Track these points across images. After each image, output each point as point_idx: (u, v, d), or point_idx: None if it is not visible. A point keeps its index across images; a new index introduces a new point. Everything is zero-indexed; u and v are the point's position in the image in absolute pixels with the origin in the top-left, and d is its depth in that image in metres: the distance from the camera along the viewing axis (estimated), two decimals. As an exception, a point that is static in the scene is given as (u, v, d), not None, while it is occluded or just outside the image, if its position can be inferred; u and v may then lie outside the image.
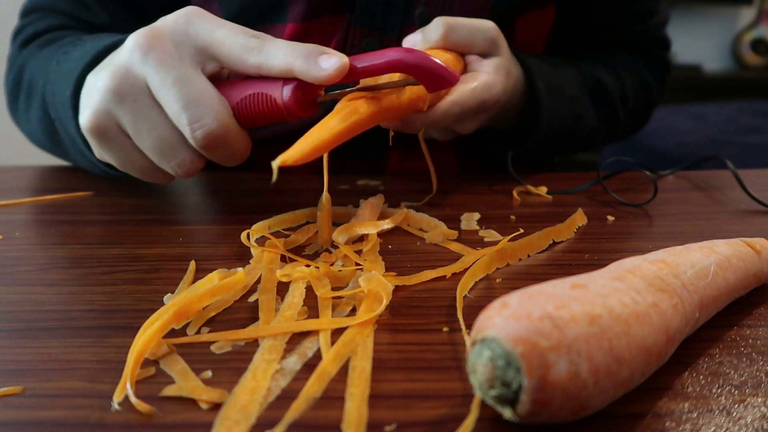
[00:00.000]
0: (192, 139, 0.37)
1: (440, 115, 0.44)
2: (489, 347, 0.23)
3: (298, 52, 0.36)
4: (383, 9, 0.55)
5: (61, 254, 0.40)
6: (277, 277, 0.35)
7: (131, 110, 0.37)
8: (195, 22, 0.38)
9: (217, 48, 0.37)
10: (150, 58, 0.36)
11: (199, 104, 0.36)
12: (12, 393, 0.26)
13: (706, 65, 2.65)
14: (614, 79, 0.64)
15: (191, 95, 0.36)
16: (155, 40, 0.37)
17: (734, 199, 0.52)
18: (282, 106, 0.37)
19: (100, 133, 0.39)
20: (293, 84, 0.37)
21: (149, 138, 0.38)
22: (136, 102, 0.37)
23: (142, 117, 0.37)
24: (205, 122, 0.36)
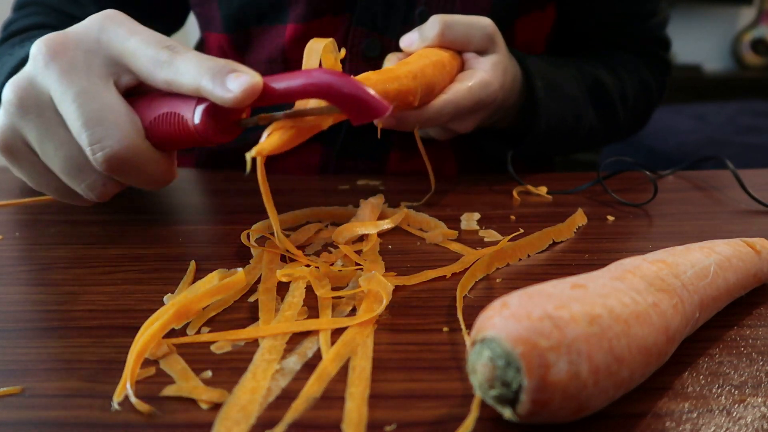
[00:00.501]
0: (94, 162, 0.34)
1: (435, 113, 0.44)
2: (489, 347, 0.23)
3: (205, 69, 0.32)
4: (384, 9, 0.55)
5: (61, 254, 0.40)
6: (277, 277, 0.35)
7: (36, 126, 0.34)
8: (109, 29, 0.34)
9: (128, 59, 0.34)
10: (53, 67, 0.33)
11: (102, 122, 0.33)
12: (12, 393, 0.26)
13: (706, 65, 2.65)
14: (614, 78, 0.64)
15: (94, 112, 0.33)
16: (61, 47, 0.33)
17: (734, 199, 0.52)
18: (192, 130, 0.34)
19: (7, 149, 0.36)
20: (206, 105, 0.33)
21: (56, 157, 0.35)
22: (40, 117, 0.34)
23: (47, 133, 0.34)
24: (107, 144, 0.33)
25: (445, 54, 0.46)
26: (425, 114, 0.44)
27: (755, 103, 1.87)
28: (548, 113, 0.55)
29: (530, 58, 0.55)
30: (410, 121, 0.44)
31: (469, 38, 0.47)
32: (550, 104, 0.55)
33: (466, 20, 0.47)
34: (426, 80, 0.43)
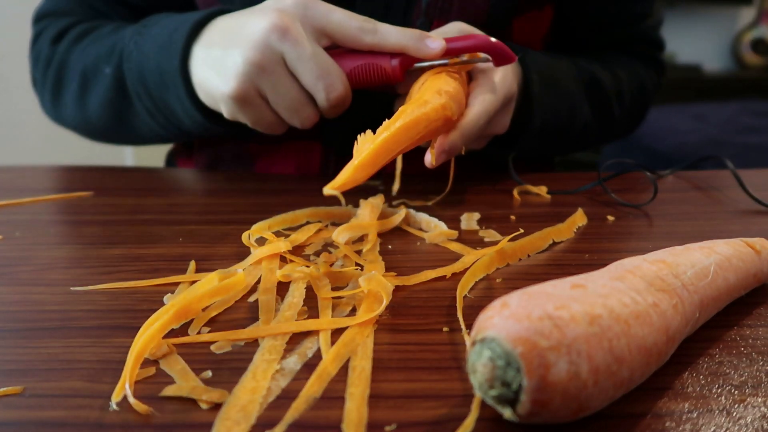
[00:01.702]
0: (326, 101, 0.46)
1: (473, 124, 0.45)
2: (489, 347, 0.23)
3: (410, 34, 0.45)
4: (383, 10, 0.55)
5: (61, 254, 0.40)
6: (277, 277, 0.35)
7: (271, 79, 0.45)
8: (311, 6, 0.45)
9: (333, 28, 0.45)
10: (288, 36, 0.44)
11: (330, 74, 0.45)
12: (12, 393, 0.26)
13: (706, 65, 2.65)
14: (610, 75, 0.64)
15: (324, 67, 0.44)
16: (289, 21, 0.44)
17: (734, 199, 0.52)
18: (390, 73, 0.47)
19: (243, 98, 0.46)
20: (399, 57, 0.46)
21: (284, 101, 0.46)
22: (275, 73, 0.45)
23: (279, 85, 0.45)
24: (337, 87, 0.45)
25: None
26: (465, 128, 0.45)
27: (755, 103, 1.87)
28: (543, 107, 0.55)
29: (528, 52, 0.56)
30: (456, 143, 0.45)
31: None
32: (545, 98, 0.55)
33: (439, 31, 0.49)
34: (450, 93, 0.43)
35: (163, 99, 0.52)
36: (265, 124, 0.49)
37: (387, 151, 0.39)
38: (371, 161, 0.38)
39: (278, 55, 0.44)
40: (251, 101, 0.46)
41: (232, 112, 0.48)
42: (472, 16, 0.55)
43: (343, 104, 0.47)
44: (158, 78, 0.51)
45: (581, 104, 0.60)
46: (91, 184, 0.55)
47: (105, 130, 0.60)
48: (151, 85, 0.52)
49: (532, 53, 0.56)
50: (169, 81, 0.50)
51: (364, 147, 0.39)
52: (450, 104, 0.43)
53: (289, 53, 0.44)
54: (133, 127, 0.58)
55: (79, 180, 0.56)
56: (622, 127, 0.70)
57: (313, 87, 0.45)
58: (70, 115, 0.60)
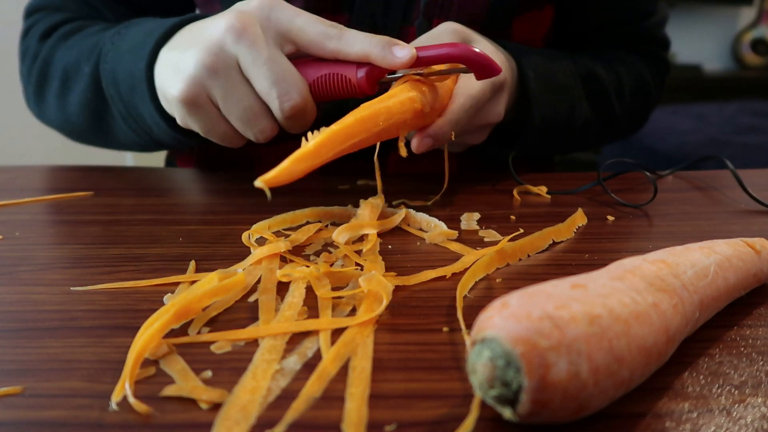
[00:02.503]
0: (280, 111, 0.42)
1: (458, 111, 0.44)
2: (489, 347, 0.23)
3: (375, 42, 0.42)
4: (383, 8, 0.55)
5: (61, 254, 0.40)
6: (277, 277, 0.35)
7: (223, 84, 0.42)
8: (276, 9, 0.42)
9: (296, 34, 0.42)
10: (244, 39, 0.41)
11: (286, 81, 0.41)
12: (12, 393, 0.26)
13: (706, 65, 2.65)
14: (609, 72, 0.64)
15: (280, 74, 0.41)
16: (247, 23, 0.41)
17: (734, 199, 0.52)
18: (356, 85, 0.43)
19: (192, 102, 0.43)
20: (366, 67, 0.43)
21: (237, 109, 0.43)
22: (228, 77, 0.42)
23: (232, 90, 0.42)
24: (292, 96, 0.42)
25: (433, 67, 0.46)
26: (451, 116, 0.44)
27: (755, 103, 1.87)
28: (541, 105, 0.55)
29: (523, 51, 0.55)
30: (444, 129, 0.44)
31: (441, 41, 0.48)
32: (542, 95, 0.55)
33: (430, 33, 0.48)
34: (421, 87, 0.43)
35: (133, 103, 0.50)
36: (218, 134, 0.45)
37: (334, 143, 0.37)
38: (313, 154, 0.35)
39: (232, 58, 0.42)
40: (201, 106, 0.43)
41: (183, 118, 0.45)
42: (472, 16, 0.55)
43: (302, 116, 0.43)
44: (129, 81, 0.49)
45: (580, 100, 0.60)
46: (91, 184, 0.55)
47: (85, 132, 0.58)
48: (122, 88, 0.50)
49: (528, 51, 0.56)
50: (137, 84, 0.48)
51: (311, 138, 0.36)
52: (418, 97, 0.42)
53: (244, 56, 0.41)
54: (112, 131, 0.56)
55: (79, 180, 0.56)
56: (624, 124, 0.69)
57: (267, 94, 0.42)
58: (53, 113, 0.59)
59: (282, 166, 0.34)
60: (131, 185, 0.56)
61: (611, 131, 0.69)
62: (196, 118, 0.44)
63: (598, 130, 0.65)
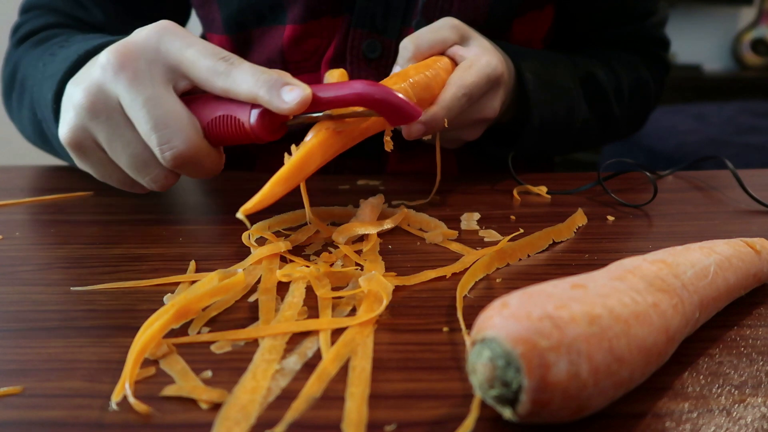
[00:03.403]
0: (162, 160, 0.38)
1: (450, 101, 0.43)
2: (489, 347, 0.23)
3: (262, 82, 0.36)
4: (383, 10, 0.55)
5: (61, 254, 0.40)
6: (277, 277, 0.35)
7: (105, 127, 0.38)
8: (166, 40, 0.38)
9: (187, 68, 0.37)
10: (121, 77, 0.37)
11: (168, 126, 0.37)
12: (12, 393, 0.26)
13: (706, 65, 2.65)
14: (608, 73, 0.64)
15: (161, 117, 0.37)
16: (127, 58, 0.37)
17: (734, 199, 0.52)
18: (249, 130, 0.38)
19: (77, 147, 0.40)
20: (260, 109, 0.37)
21: (123, 154, 0.39)
22: (110, 119, 0.38)
23: (115, 134, 0.38)
24: (174, 144, 0.37)
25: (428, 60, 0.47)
26: (442, 103, 0.43)
27: (755, 103, 1.87)
28: (540, 106, 0.55)
29: (522, 53, 0.55)
30: (438, 115, 0.42)
31: (442, 38, 0.48)
32: (541, 97, 0.54)
33: (428, 27, 0.48)
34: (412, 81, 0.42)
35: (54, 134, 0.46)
36: (115, 180, 0.42)
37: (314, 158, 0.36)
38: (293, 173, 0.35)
39: (113, 98, 0.37)
40: (87, 151, 0.40)
41: (77, 161, 0.42)
42: (472, 17, 0.55)
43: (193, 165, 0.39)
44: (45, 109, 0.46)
45: (579, 101, 0.60)
46: (91, 184, 0.55)
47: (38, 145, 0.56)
48: (42, 114, 0.47)
49: (526, 53, 0.56)
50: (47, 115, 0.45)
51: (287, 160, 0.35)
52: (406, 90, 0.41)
53: (124, 97, 0.37)
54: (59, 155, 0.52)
55: (79, 180, 0.56)
56: (624, 125, 0.69)
57: (148, 140, 0.37)
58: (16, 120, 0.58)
59: (263, 191, 0.34)
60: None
61: (610, 132, 0.69)
62: (86, 163, 0.41)
63: (597, 131, 0.65)
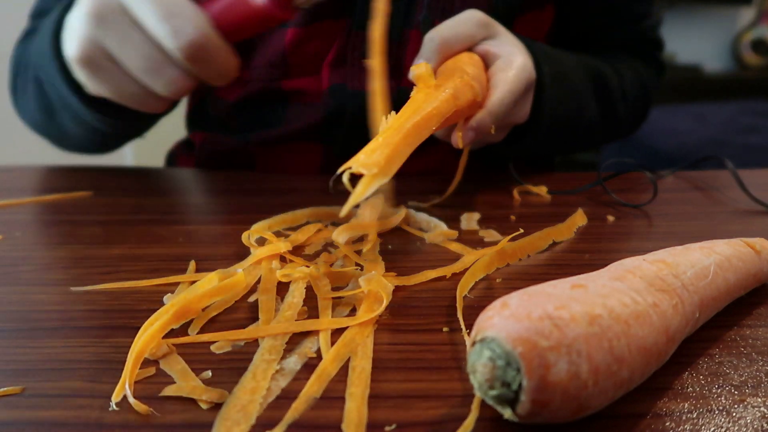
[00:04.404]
0: (176, 50, 0.37)
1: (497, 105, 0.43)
2: (489, 347, 0.23)
3: None
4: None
5: (61, 254, 0.40)
6: (277, 277, 0.35)
7: (113, 33, 0.38)
8: None
9: None
10: None
11: (176, 15, 0.37)
12: (12, 393, 0.26)
13: (706, 65, 2.65)
14: (614, 73, 0.64)
15: (168, 7, 0.37)
16: None
17: (734, 199, 0.52)
18: (262, 10, 0.38)
19: (89, 61, 0.39)
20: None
21: (135, 58, 0.38)
22: (116, 24, 0.37)
23: (125, 38, 0.38)
24: (185, 31, 0.37)
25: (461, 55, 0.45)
26: (491, 108, 0.42)
27: (755, 103, 1.87)
28: (552, 101, 0.53)
29: (536, 43, 0.54)
30: (485, 121, 0.42)
31: (470, 33, 0.46)
32: (554, 91, 0.53)
33: (455, 19, 0.47)
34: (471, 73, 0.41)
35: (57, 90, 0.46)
36: (128, 95, 0.41)
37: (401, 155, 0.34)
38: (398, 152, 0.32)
39: (117, 2, 0.38)
40: (100, 65, 0.39)
41: (88, 83, 0.41)
42: None
43: (206, 56, 0.39)
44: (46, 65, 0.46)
45: (588, 100, 0.59)
46: (91, 184, 0.55)
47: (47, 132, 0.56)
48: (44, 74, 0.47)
49: (540, 45, 0.54)
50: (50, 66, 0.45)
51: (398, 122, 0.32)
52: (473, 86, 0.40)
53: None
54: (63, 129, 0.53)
55: (79, 180, 0.56)
56: (624, 126, 0.70)
57: (159, 33, 0.37)
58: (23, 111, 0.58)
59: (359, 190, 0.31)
60: (131, 185, 0.56)
61: (612, 132, 0.69)
62: (99, 80, 0.40)
63: (602, 130, 0.65)
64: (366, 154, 0.31)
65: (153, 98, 0.42)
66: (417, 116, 0.34)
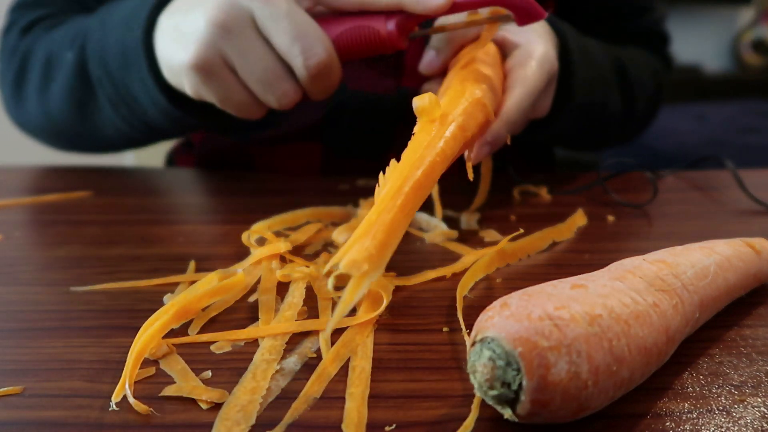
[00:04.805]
0: (304, 69, 0.39)
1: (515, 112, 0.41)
2: (489, 347, 0.23)
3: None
4: None
5: (61, 254, 0.40)
6: (277, 277, 0.35)
7: (238, 43, 0.39)
8: None
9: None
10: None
11: (309, 35, 0.39)
12: (12, 393, 0.26)
13: (706, 65, 2.65)
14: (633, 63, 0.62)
15: (301, 26, 0.38)
16: None
17: (734, 199, 0.52)
18: (386, 37, 0.40)
19: (206, 68, 0.40)
20: (396, 18, 0.40)
21: (256, 69, 0.40)
22: (243, 35, 0.38)
23: (249, 49, 0.39)
24: (316, 51, 0.39)
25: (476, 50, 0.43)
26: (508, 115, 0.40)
27: (755, 103, 1.87)
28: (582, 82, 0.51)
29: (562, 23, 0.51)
30: (500, 133, 0.40)
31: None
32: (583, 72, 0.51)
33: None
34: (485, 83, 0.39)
35: (125, 83, 0.46)
36: (235, 102, 0.42)
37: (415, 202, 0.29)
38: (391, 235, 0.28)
39: (247, 13, 0.39)
40: (216, 72, 0.40)
41: (196, 88, 0.41)
42: None
43: (328, 76, 0.40)
44: (120, 56, 0.45)
45: (612, 89, 0.58)
46: (91, 184, 0.55)
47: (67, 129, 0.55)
48: (113, 65, 0.46)
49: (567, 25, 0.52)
50: (131, 58, 0.45)
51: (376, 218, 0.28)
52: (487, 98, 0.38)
53: (260, 11, 0.38)
54: (96, 124, 0.52)
55: (79, 180, 0.56)
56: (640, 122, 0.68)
57: (288, 51, 0.39)
58: (32, 111, 0.56)
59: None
60: (131, 185, 0.56)
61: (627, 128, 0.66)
62: (210, 86, 0.41)
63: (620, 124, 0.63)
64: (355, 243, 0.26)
65: (257, 107, 0.43)
66: (417, 172, 0.30)
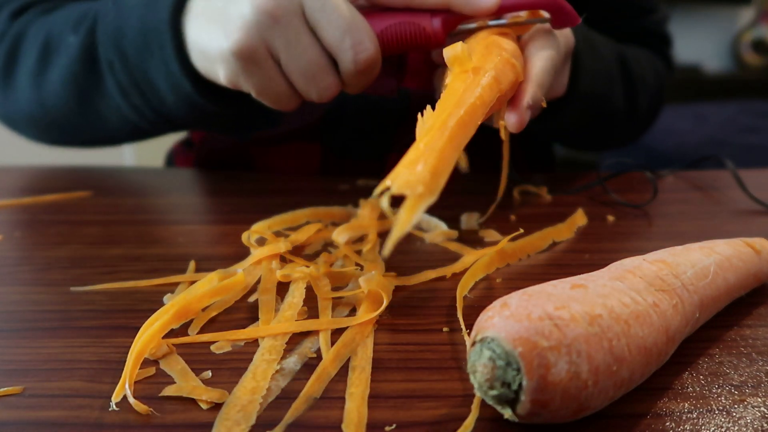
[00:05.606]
0: (352, 63, 0.38)
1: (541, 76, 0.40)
2: (489, 347, 0.23)
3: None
4: None
5: (61, 254, 0.40)
6: (277, 277, 0.35)
7: (285, 33, 0.38)
8: None
9: None
10: None
11: (359, 29, 0.38)
12: (12, 393, 0.26)
13: (706, 65, 2.65)
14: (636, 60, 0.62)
15: (352, 20, 0.38)
16: None
17: (734, 199, 0.52)
18: (431, 34, 0.40)
19: (249, 56, 0.38)
20: (442, 15, 0.40)
21: (300, 62, 0.39)
22: (290, 25, 0.38)
23: (295, 39, 0.38)
24: (366, 46, 0.38)
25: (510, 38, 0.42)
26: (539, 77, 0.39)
27: (755, 103, 1.87)
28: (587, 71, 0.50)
29: None
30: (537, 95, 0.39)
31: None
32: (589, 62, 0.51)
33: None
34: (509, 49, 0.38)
35: (142, 68, 0.45)
36: (273, 94, 0.41)
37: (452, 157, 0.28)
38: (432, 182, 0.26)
39: (296, 3, 0.38)
40: (259, 61, 0.38)
41: (234, 76, 0.40)
42: None
43: (372, 71, 0.40)
44: (140, 38, 0.44)
45: (616, 81, 0.57)
46: (91, 184, 0.55)
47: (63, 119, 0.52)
48: (130, 48, 0.44)
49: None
50: (154, 40, 0.43)
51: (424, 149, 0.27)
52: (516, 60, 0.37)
53: (310, 2, 0.37)
54: (99, 113, 0.50)
55: (79, 180, 0.56)
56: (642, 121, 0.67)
57: (338, 44, 0.38)
58: (23, 100, 0.52)
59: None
60: (131, 185, 0.56)
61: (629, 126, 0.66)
62: (250, 75, 0.39)
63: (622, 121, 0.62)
64: (406, 167, 0.26)
65: (295, 99, 0.42)
66: (460, 110, 0.30)
